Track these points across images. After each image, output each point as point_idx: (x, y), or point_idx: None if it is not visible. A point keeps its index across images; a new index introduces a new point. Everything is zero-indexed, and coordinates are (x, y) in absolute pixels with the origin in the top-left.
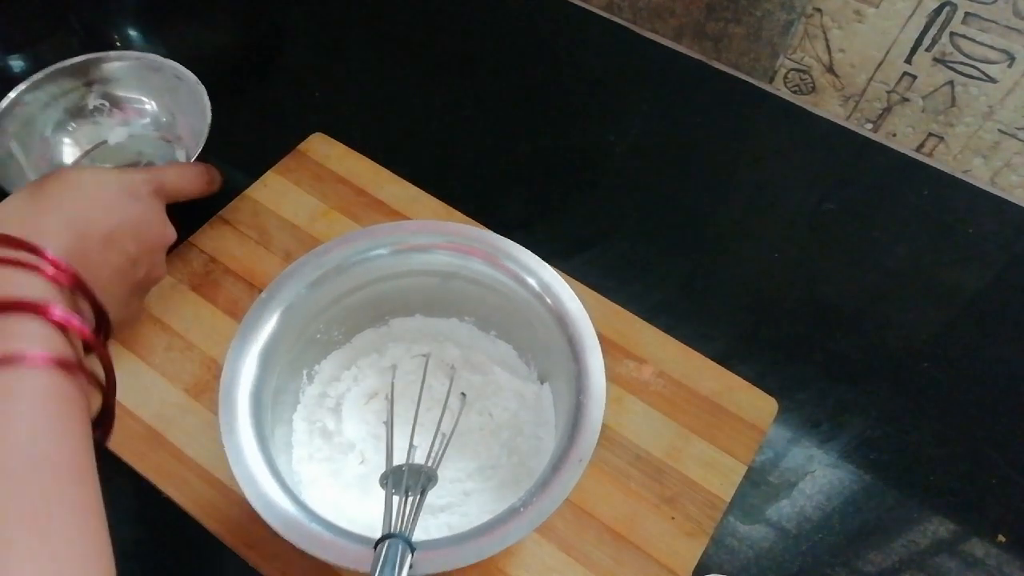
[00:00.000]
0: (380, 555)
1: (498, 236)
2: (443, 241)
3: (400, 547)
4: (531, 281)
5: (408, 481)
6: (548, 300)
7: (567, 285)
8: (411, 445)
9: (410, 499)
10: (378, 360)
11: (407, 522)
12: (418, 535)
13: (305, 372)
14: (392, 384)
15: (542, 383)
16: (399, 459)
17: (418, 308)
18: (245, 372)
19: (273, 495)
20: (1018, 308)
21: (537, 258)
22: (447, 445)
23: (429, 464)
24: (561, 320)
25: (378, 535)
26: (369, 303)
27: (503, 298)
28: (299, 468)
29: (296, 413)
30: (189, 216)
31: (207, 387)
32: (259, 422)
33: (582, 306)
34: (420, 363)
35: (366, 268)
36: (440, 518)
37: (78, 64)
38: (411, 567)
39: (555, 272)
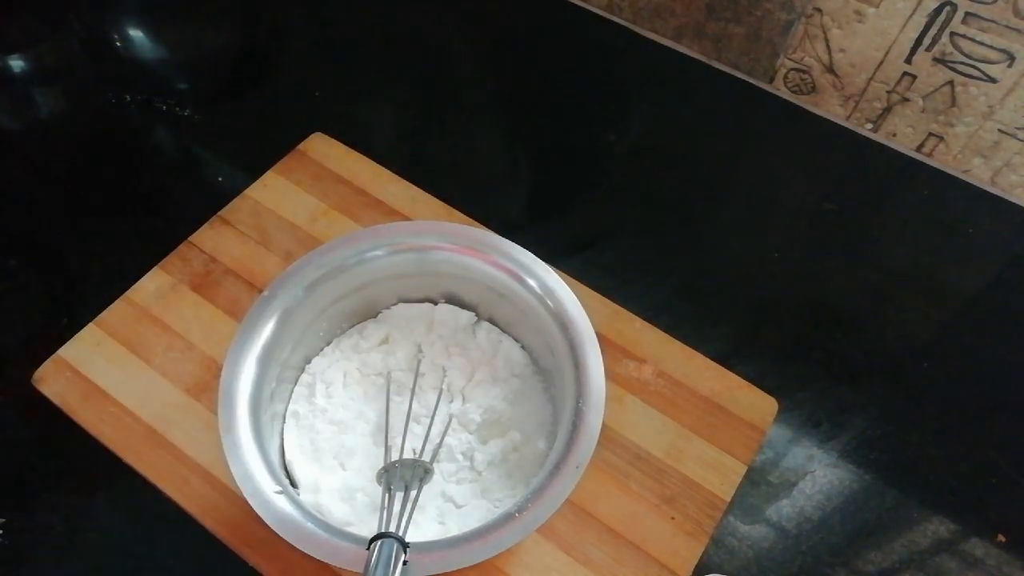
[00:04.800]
0: (373, 554)
1: (500, 237)
2: (445, 242)
3: (393, 546)
4: (533, 283)
5: (404, 477)
6: (550, 303)
7: (569, 289)
8: (404, 440)
9: (404, 497)
10: (378, 357)
11: (401, 521)
12: (415, 536)
13: (304, 369)
14: (388, 386)
15: (543, 381)
16: (396, 456)
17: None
18: (245, 372)
19: (270, 494)
20: (1018, 308)
21: (540, 261)
22: (443, 438)
23: (423, 459)
24: (562, 324)
25: (373, 534)
26: (370, 301)
27: (505, 299)
28: (297, 466)
29: (295, 410)
30: (189, 216)
31: (207, 387)
32: (257, 421)
33: (584, 311)
34: (414, 362)
35: (367, 268)
36: (435, 518)
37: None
38: (404, 564)
39: (557, 275)
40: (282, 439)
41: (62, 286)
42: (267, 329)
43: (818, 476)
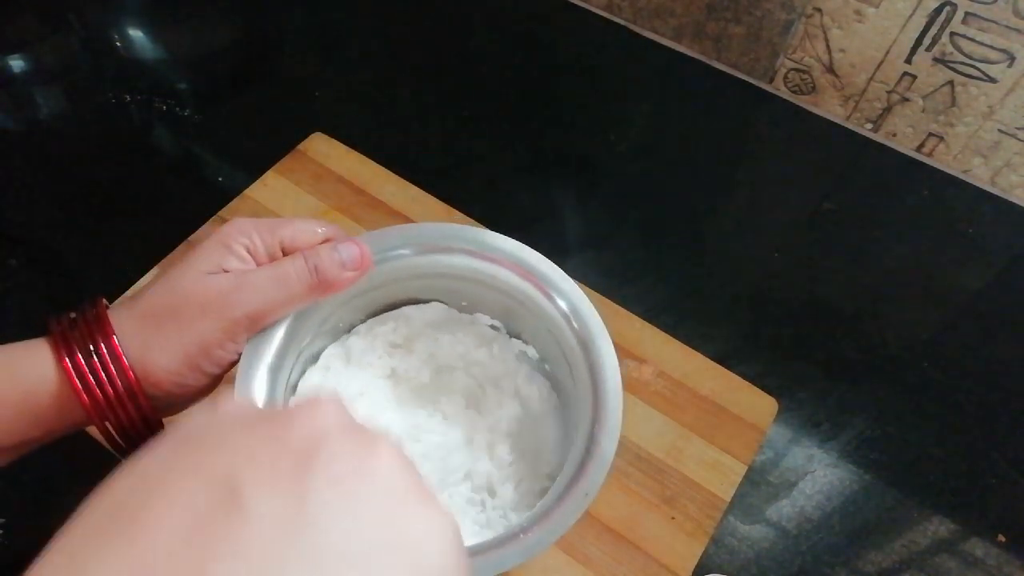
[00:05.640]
0: None
1: (532, 251)
2: (471, 247)
3: None
4: (561, 303)
5: None
6: (575, 324)
7: (597, 314)
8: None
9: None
10: (397, 362)
11: None
12: None
13: (321, 363)
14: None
15: (558, 395)
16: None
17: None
18: (261, 363)
19: None
20: (1018, 308)
21: (571, 281)
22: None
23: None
24: (585, 346)
25: None
26: (386, 302)
27: (530, 312)
28: None
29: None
30: (189, 216)
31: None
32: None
33: (607, 333)
34: (435, 372)
35: (388, 267)
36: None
37: None
38: None
39: (587, 298)
40: None
41: (62, 286)
42: (282, 326)
43: (818, 476)
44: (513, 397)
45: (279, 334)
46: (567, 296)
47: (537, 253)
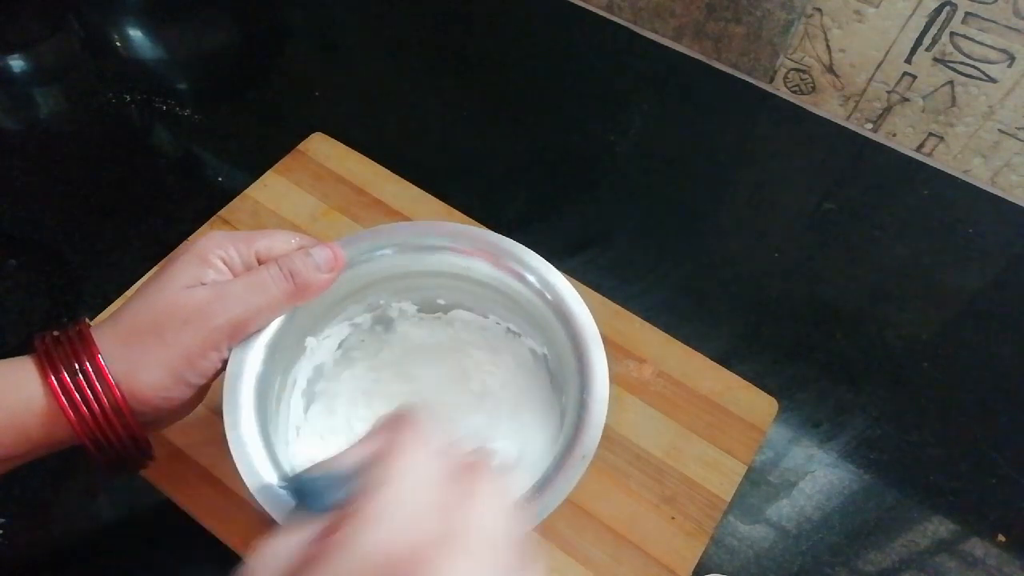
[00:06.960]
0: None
1: (501, 236)
2: (448, 243)
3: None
4: (533, 280)
5: None
6: (550, 298)
7: (570, 285)
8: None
9: None
10: (384, 352)
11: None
12: None
13: (312, 366)
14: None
15: (546, 376)
16: None
17: (422, 303)
18: (249, 368)
19: (278, 491)
20: (1018, 308)
21: (540, 258)
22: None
23: None
24: (564, 319)
25: None
26: (367, 302)
27: (507, 298)
28: (302, 465)
29: (299, 405)
30: (189, 216)
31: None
32: (263, 418)
33: (585, 305)
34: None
35: (370, 268)
36: None
37: None
38: None
39: (559, 272)
40: (293, 437)
41: (62, 286)
42: (272, 328)
43: (818, 476)
44: (500, 381)
45: (263, 342)
46: (537, 272)
47: (502, 236)
